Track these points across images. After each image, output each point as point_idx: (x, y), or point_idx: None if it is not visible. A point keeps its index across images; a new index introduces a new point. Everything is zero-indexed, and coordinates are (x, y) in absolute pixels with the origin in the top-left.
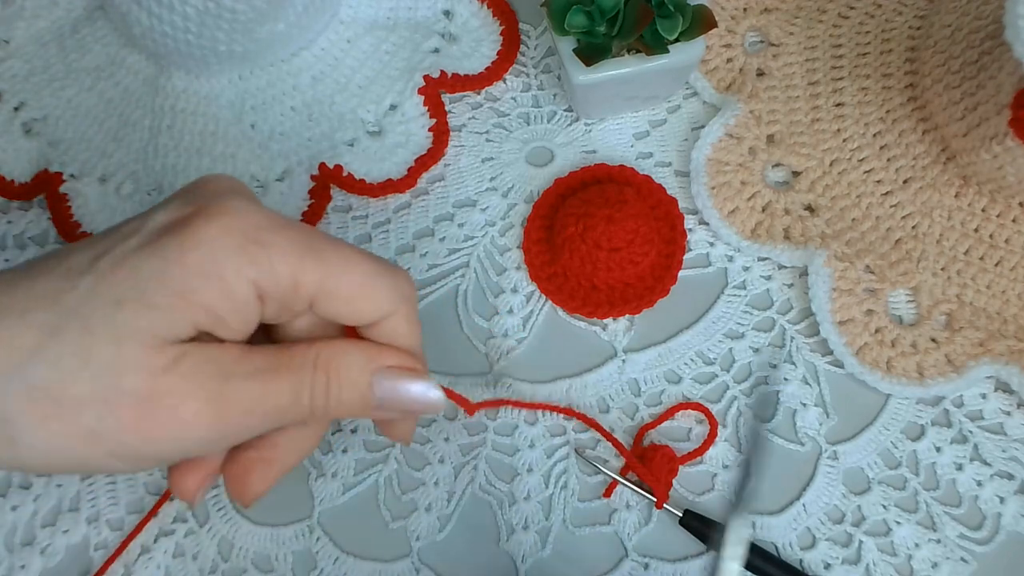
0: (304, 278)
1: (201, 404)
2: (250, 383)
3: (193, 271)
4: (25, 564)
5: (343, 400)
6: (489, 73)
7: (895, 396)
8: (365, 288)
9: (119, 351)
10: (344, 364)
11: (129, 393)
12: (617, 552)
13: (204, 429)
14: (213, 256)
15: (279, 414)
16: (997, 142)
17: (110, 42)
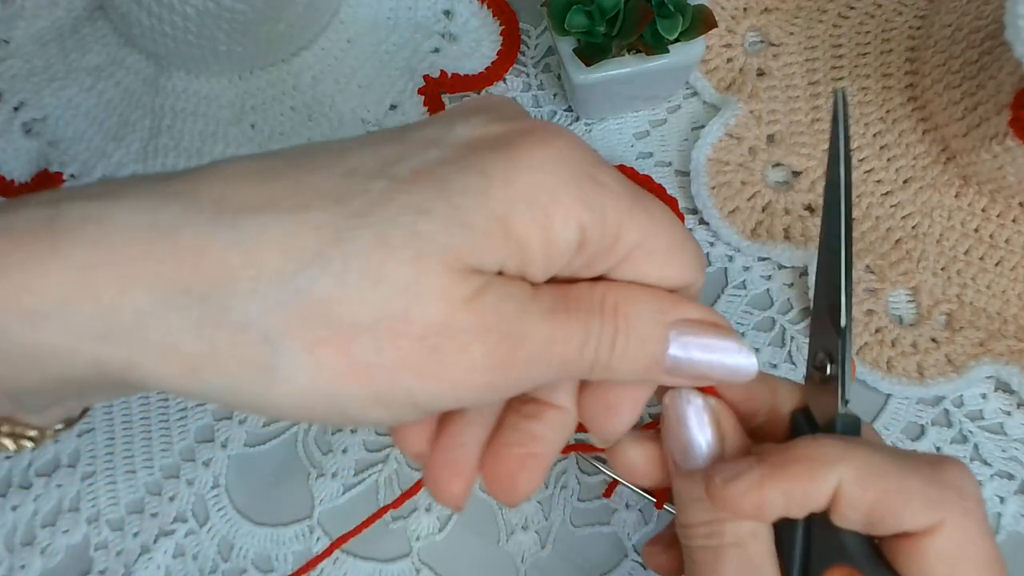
0: (627, 232)
1: (492, 346)
2: (542, 325)
3: (521, 195)
4: (25, 564)
5: (629, 355)
6: (489, 73)
7: (895, 396)
8: (679, 252)
9: (418, 271)
10: (636, 312)
11: (421, 324)
12: (617, 552)
13: (489, 374)
14: (546, 183)
15: (562, 365)
16: (997, 142)
17: (110, 42)
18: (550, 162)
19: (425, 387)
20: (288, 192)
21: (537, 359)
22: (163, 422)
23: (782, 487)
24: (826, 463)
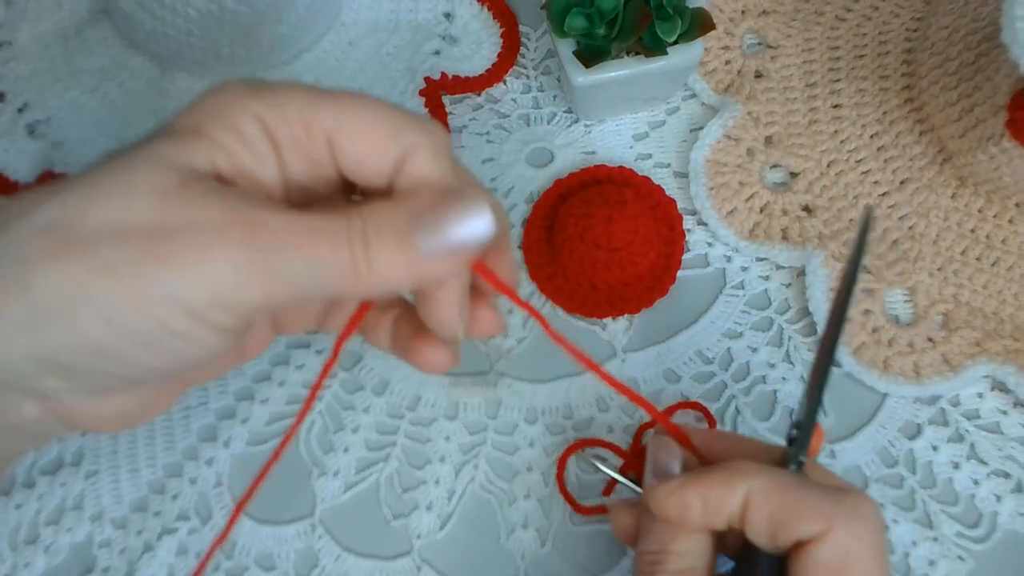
0: (316, 118)
1: (235, 227)
2: (282, 215)
3: (206, 110)
4: (29, 562)
5: (384, 245)
6: (489, 75)
7: (892, 395)
8: (382, 121)
9: (131, 176)
10: (379, 211)
11: (145, 213)
12: (617, 550)
13: (239, 255)
14: (224, 97)
15: (320, 261)
16: (994, 143)
17: (113, 44)
18: (227, 86)
19: (178, 281)
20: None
21: (288, 247)
22: (166, 421)
23: (699, 491)
24: (739, 475)
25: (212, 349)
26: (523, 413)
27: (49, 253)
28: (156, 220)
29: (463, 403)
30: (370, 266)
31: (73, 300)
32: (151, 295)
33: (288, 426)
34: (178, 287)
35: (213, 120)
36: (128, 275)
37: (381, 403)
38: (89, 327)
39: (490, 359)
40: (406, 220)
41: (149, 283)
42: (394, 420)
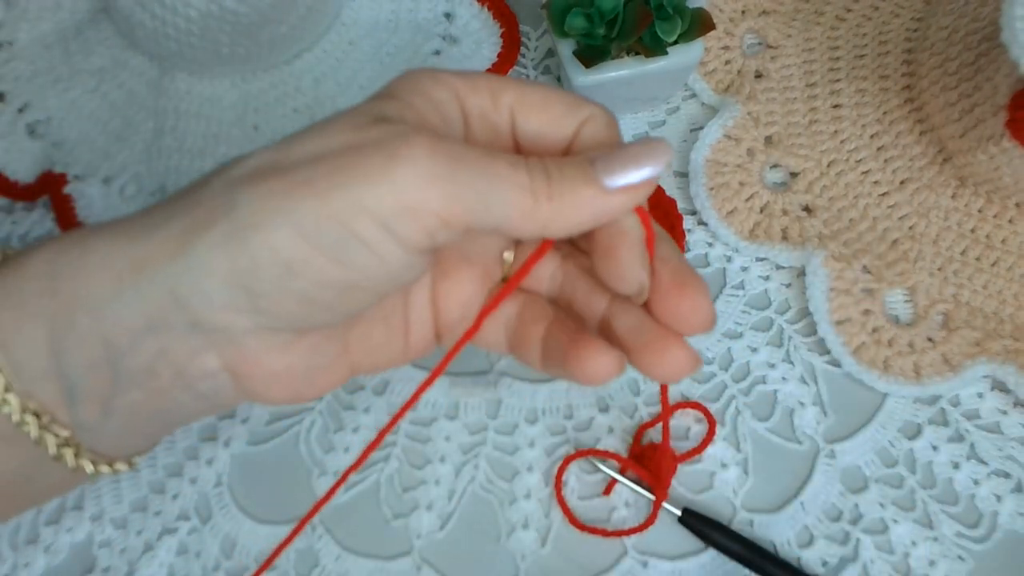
0: (502, 92)
1: (422, 138)
2: (466, 147)
3: (397, 83)
4: (29, 562)
5: (565, 181)
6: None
7: (892, 395)
8: (559, 98)
9: (330, 123)
10: (558, 159)
11: (339, 141)
12: (617, 550)
13: (426, 162)
14: (416, 73)
15: (504, 184)
16: (994, 143)
17: (113, 44)
18: (421, 73)
19: (368, 188)
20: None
21: (474, 165)
22: None
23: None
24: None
25: (396, 271)
26: (523, 413)
27: (255, 178)
28: (349, 142)
29: (463, 403)
30: (550, 195)
31: (271, 213)
32: (342, 203)
33: (288, 424)
34: (366, 194)
35: (406, 88)
36: (322, 188)
37: (381, 403)
38: (282, 238)
39: (490, 359)
40: (587, 159)
41: (340, 193)
42: None
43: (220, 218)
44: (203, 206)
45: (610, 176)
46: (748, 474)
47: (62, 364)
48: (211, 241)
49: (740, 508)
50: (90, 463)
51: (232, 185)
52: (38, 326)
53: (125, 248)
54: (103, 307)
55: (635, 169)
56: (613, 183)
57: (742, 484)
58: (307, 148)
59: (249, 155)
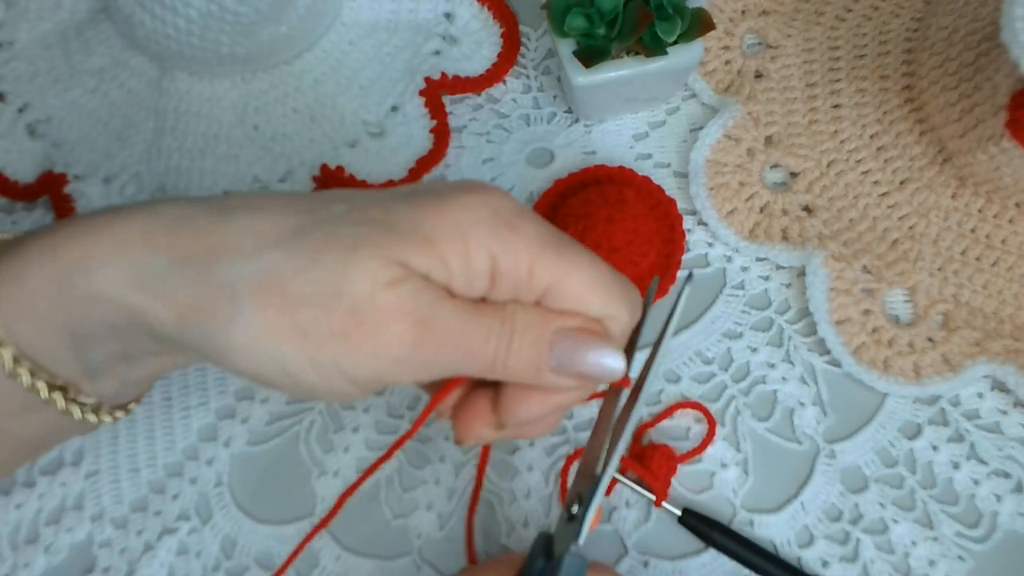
0: (540, 270)
1: (408, 326)
2: (454, 316)
3: (444, 225)
4: (29, 562)
5: (522, 353)
6: (489, 75)
7: (892, 395)
8: (596, 290)
9: (351, 257)
10: (528, 319)
11: (349, 299)
12: (617, 550)
13: (406, 349)
14: (465, 220)
15: (467, 355)
16: (994, 143)
17: (114, 44)
18: (473, 205)
19: (348, 356)
20: (276, 203)
21: (447, 344)
22: (166, 421)
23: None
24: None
25: (347, 397)
26: None
27: (260, 302)
28: (358, 302)
29: None
30: (505, 364)
31: (257, 350)
32: (325, 363)
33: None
34: (351, 365)
35: (449, 240)
36: (313, 343)
37: (381, 403)
38: (265, 368)
39: None
40: (549, 332)
41: (328, 355)
42: (394, 420)
43: (220, 314)
44: (209, 288)
45: (560, 361)
46: (748, 474)
47: (75, 338)
48: (208, 333)
49: (740, 508)
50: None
51: (237, 296)
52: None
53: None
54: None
55: (586, 368)
56: (559, 369)
57: (742, 484)
58: (315, 288)
59: (253, 248)
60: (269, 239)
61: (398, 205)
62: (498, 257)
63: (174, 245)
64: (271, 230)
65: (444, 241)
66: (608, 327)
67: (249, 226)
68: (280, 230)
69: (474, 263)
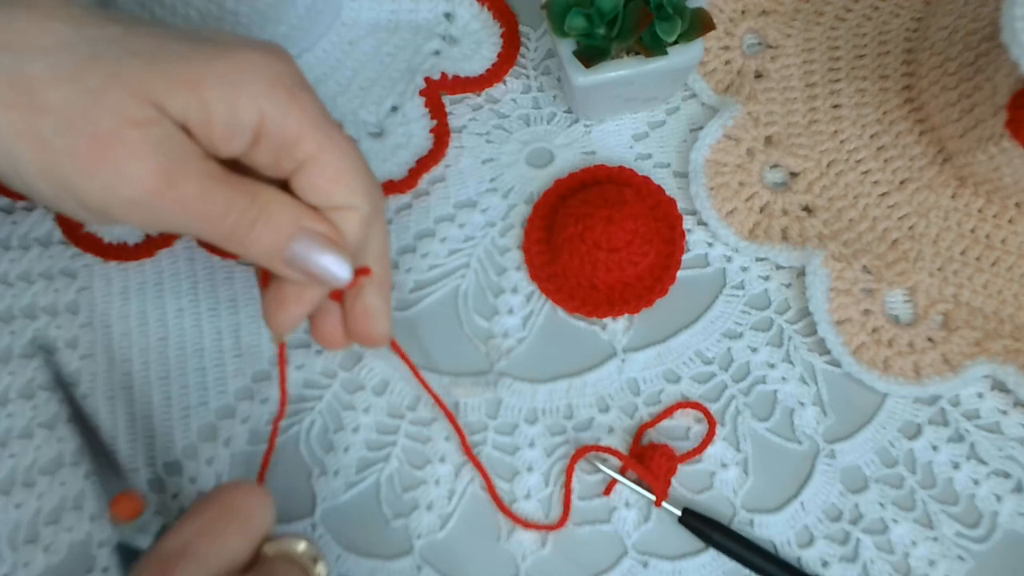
0: (306, 141)
1: (147, 172)
2: (200, 178)
3: (217, 71)
4: (28, 562)
5: (260, 238)
6: (489, 75)
7: (892, 395)
8: (349, 176)
9: (108, 84)
10: (278, 211)
11: (93, 125)
12: (617, 550)
13: (139, 192)
14: (241, 74)
15: (204, 220)
16: (993, 143)
17: None
18: (256, 61)
19: (81, 179)
20: (54, 6)
21: (186, 204)
22: (166, 420)
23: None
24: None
25: (85, 219)
26: (523, 413)
27: (8, 100)
28: (104, 130)
29: (463, 403)
30: (242, 242)
31: (1, 142)
32: (57, 177)
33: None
34: (83, 190)
35: (218, 86)
36: (51, 155)
37: (381, 403)
38: (2, 165)
39: (490, 359)
40: (293, 227)
41: (61, 171)
42: (394, 420)
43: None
44: None
45: (294, 257)
46: (748, 474)
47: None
48: None
49: (740, 508)
50: None
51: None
52: None
53: None
54: None
55: (316, 269)
56: (293, 264)
57: (742, 484)
58: (62, 98)
59: (25, 53)
60: (36, 43)
61: (174, 43)
62: (268, 116)
63: None
64: (39, 36)
65: (212, 87)
66: (349, 216)
67: (20, 25)
68: (48, 38)
69: (240, 115)
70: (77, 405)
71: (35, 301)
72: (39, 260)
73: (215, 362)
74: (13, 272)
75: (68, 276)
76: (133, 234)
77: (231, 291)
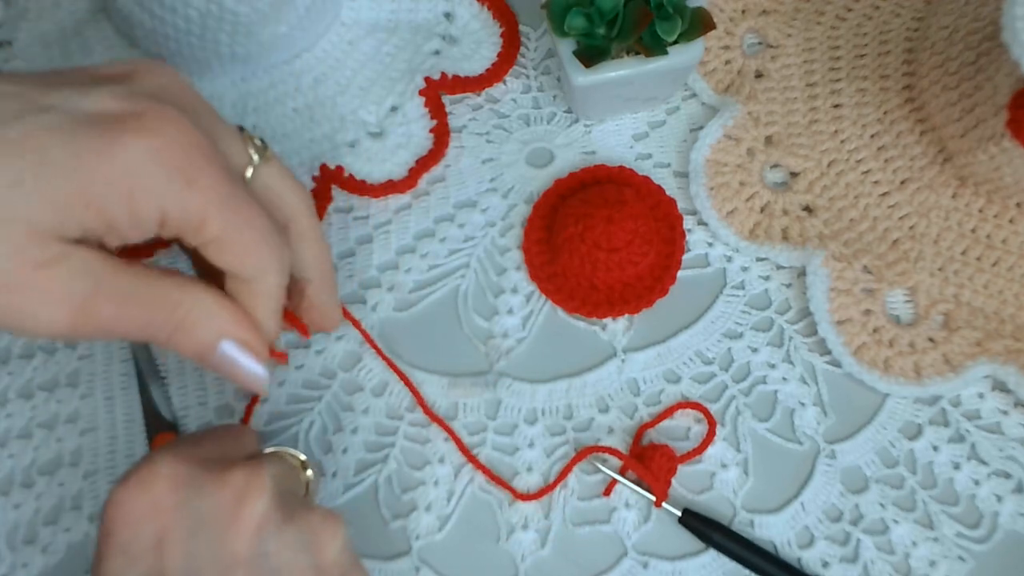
0: (211, 223)
1: (61, 314)
2: (116, 301)
3: (105, 179)
4: (27, 562)
5: (180, 345)
6: (489, 75)
7: (893, 395)
8: (257, 250)
9: (2, 231)
10: (197, 321)
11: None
12: (617, 551)
13: (55, 332)
14: (132, 173)
15: (124, 333)
16: (994, 143)
17: (113, 44)
18: (146, 153)
19: (6, 321)
20: None
21: (100, 325)
22: None
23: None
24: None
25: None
26: (523, 413)
27: None
28: (8, 279)
29: (462, 404)
30: (164, 344)
31: None
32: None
33: (287, 424)
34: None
35: (112, 194)
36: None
37: (380, 404)
38: None
39: (490, 359)
40: (214, 338)
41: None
42: (393, 421)
43: None
44: None
45: (217, 361)
46: (748, 474)
47: None
48: None
49: (740, 508)
50: None
51: None
52: None
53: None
54: None
55: (236, 376)
56: (214, 364)
57: (742, 484)
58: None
59: None
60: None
61: (57, 147)
62: (168, 210)
63: None
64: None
65: (106, 197)
66: (263, 283)
67: None
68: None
69: (141, 215)
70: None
71: None
72: None
73: None
74: None
75: None
76: None
77: None
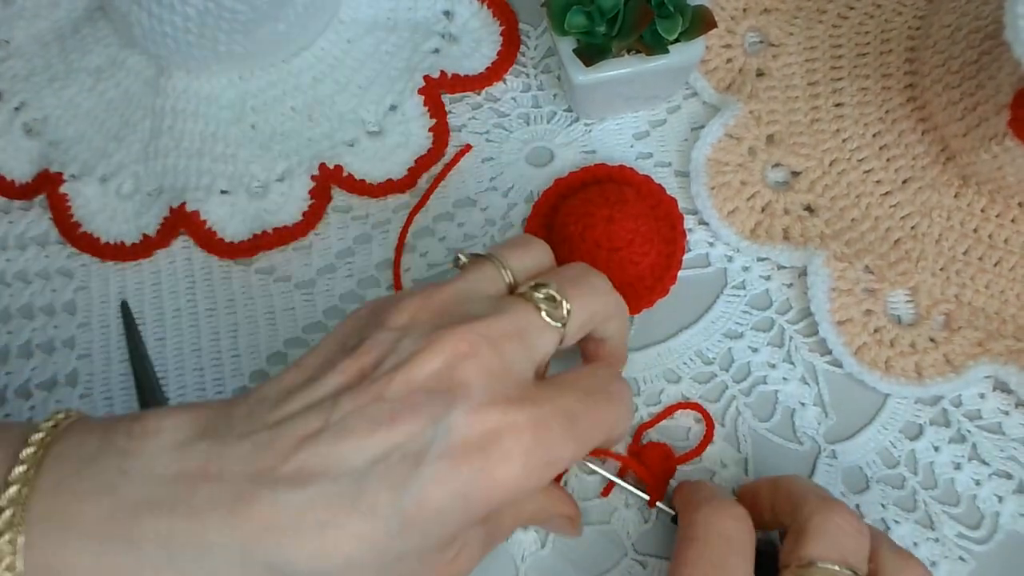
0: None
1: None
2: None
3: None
4: None
5: (514, 524)
6: (489, 73)
7: (894, 396)
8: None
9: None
10: (527, 512)
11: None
12: (617, 551)
13: None
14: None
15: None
16: (996, 142)
17: (111, 43)
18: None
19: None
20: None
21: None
22: None
23: None
24: None
25: None
26: None
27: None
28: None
29: None
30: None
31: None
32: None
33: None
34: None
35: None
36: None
37: None
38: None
39: None
40: (540, 518)
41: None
42: None
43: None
44: None
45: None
46: (748, 475)
47: None
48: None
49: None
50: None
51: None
52: None
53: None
54: None
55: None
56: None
57: (742, 484)
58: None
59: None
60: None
61: (432, 496)
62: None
63: None
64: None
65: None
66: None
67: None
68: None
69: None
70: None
71: (32, 301)
72: (36, 260)
73: (213, 362)
74: (10, 272)
75: (65, 276)
76: (131, 234)
77: (229, 291)
